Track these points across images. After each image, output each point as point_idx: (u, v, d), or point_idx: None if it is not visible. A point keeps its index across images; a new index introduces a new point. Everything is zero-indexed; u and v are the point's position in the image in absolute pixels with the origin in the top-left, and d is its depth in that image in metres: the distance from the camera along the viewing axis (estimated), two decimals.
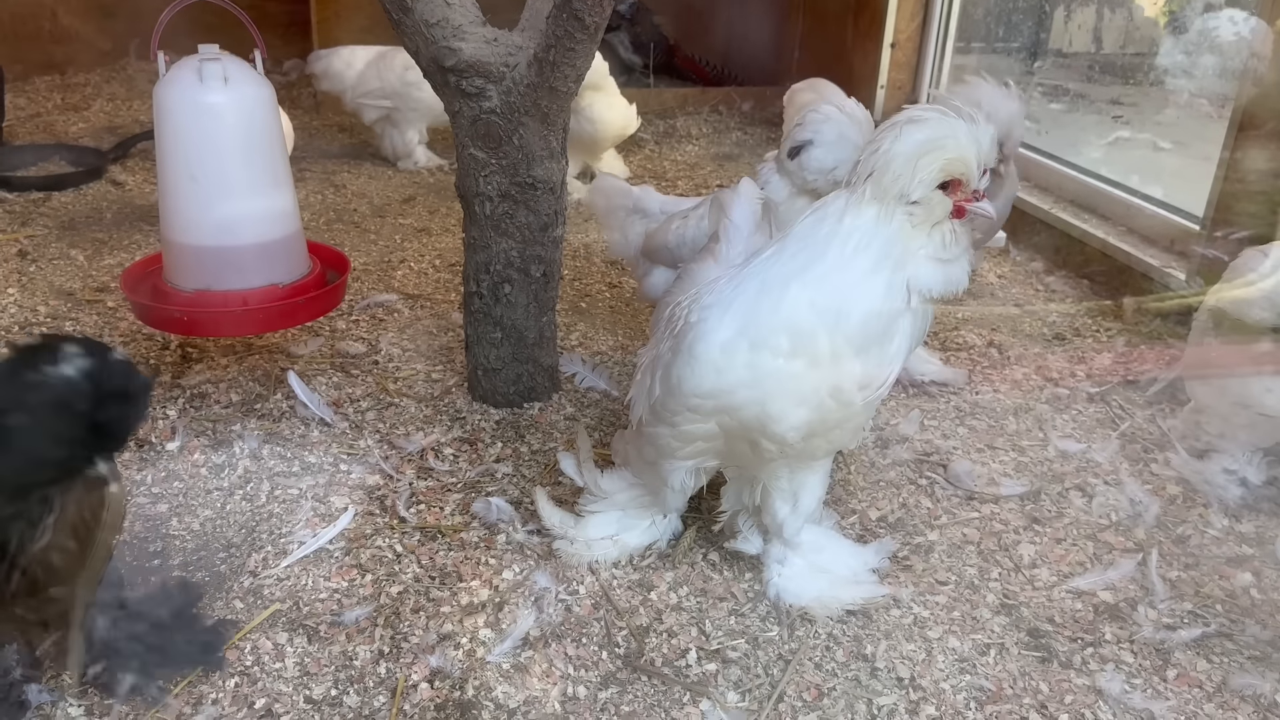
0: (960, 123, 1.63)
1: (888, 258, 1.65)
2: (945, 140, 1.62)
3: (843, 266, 1.66)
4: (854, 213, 1.67)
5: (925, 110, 1.66)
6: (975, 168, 1.64)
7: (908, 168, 1.62)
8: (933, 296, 1.68)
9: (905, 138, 1.64)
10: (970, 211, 1.66)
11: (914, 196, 1.63)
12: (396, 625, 1.90)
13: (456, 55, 2.22)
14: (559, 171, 2.38)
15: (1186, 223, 3.43)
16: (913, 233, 1.65)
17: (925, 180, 1.62)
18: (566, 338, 3.09)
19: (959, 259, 1.68)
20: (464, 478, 2.34)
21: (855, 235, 1.66)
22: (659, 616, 1.96)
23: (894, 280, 1.66)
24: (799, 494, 1.97)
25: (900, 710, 1.76)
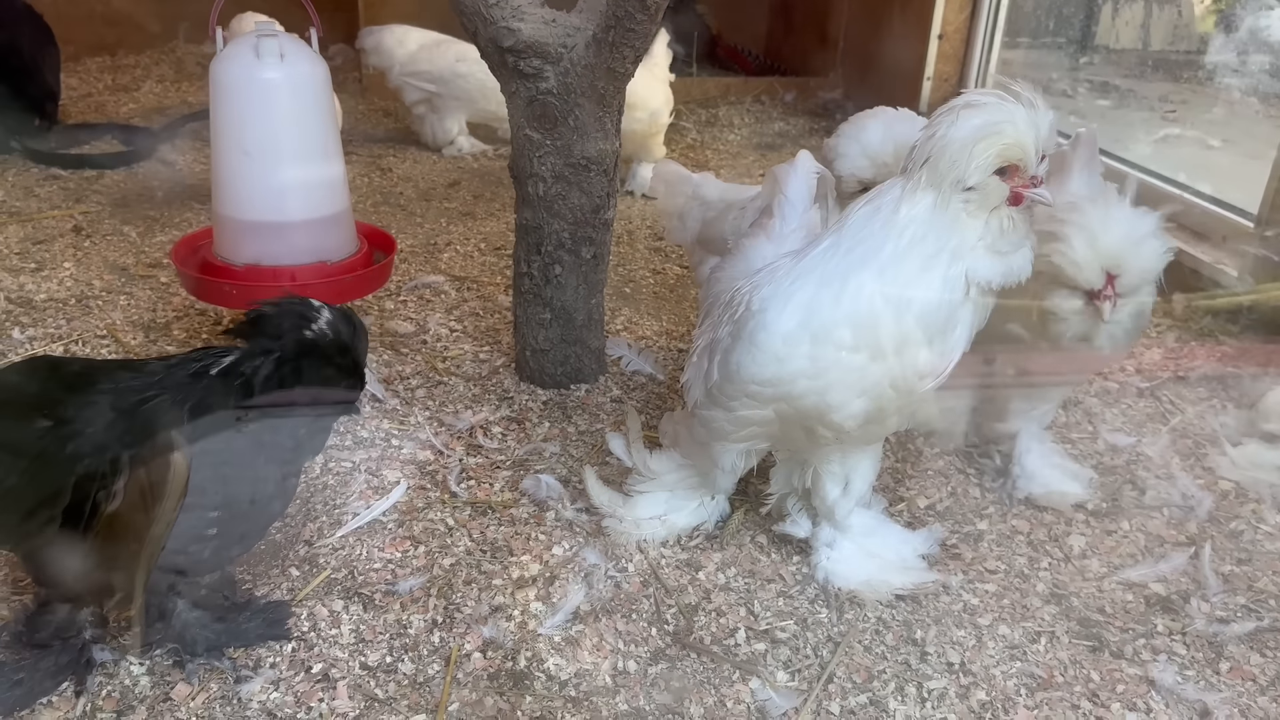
0: (1019, 107, 1.60)
1: (944, 248, 1.64)
2: (1003, 125, 1.59)
3: (900, 258, 1.65)
4: (909, 201, 1.65)
5: (982, 94, 1.63)
6: (1033, 153, 1.61)
7: (964, 153, 1.59)
8: (993, 287, 1.66)
9: (962, 123, 1.61)
10: (1028, 198, 1.63)
11: (970, 182, 1.60)
12: (449, 596, 1.92)
13: (515, 35, 2.23)
14: (612, 154, 2.39)
15: (1239, 219, 3.39)
16: (969, 221, 1.63)
17: (982, 166, 1.59)
18: (611, 321, 3.10)
19: (1020, 248, 1.66)
20: (512, 456, 2.36)
21: (911, 226, 1.65)
22: (707, 596, 1.97)
23: (951, 271, 1.64)
24: (850, 477, 1.97)
25: (950, 694, 1.76)
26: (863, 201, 1.73)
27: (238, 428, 1.61)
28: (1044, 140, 1.61)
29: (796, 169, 2.12)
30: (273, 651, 1.77)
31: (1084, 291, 1.93)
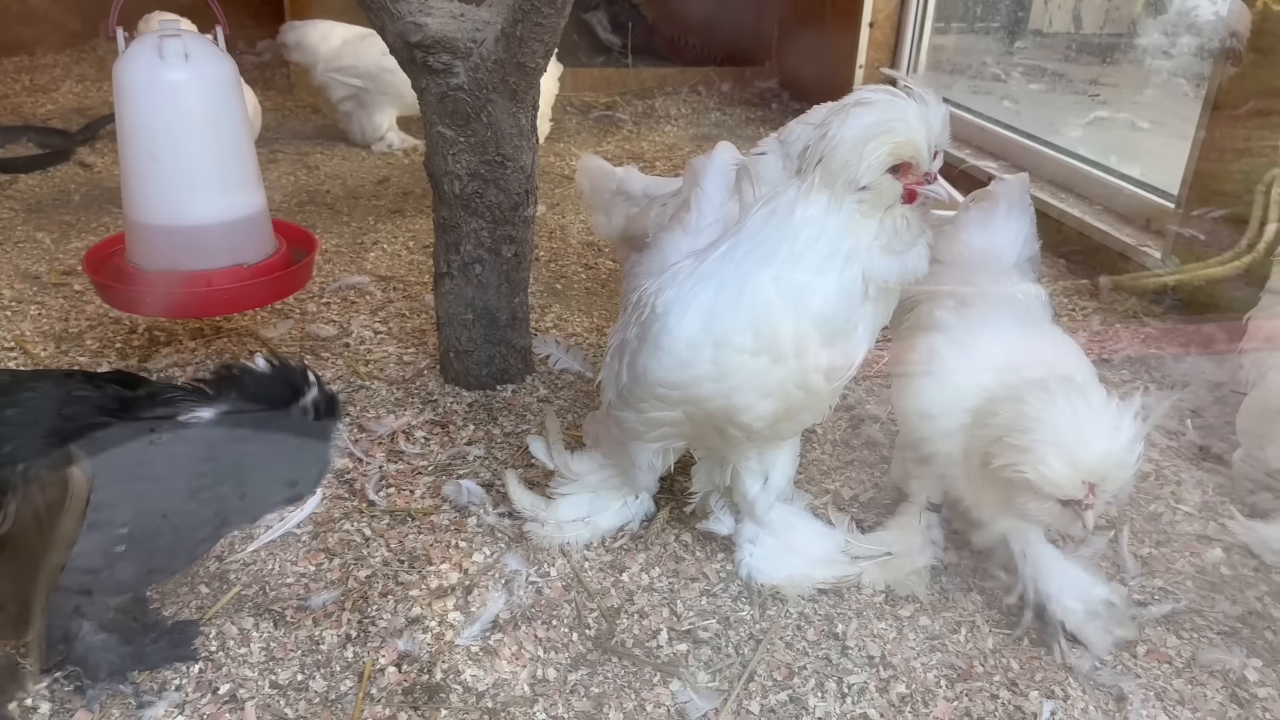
0: (910, 104, 1.58)
1: (840, 249, 1.62)
2: (894, 123, 1.57)
3: (796, 261, 1.63)
4: (804, 202, 1.63)
5: (873, 92, 1.61)
6: (926, 150, 1.59)
7: (855, 152, 1.57)
8: (890, 285, 1.65)
9: (852, 121, 1.58)
10: (922, 195, 1.61)
11: (863, 182, 1.58)
12: (364, 609, 1.88)
13: (422, 30, 2.18)
14: (529, 149, 2.35)
15: (1162, 201, 3.43)
16: (863, 221, 1.61)
17: (874, 165, 1.57)
18: (541, 319, 3.06)
19: (914, 245, 1.65)
20: (435, 461, 2.32)
21: (807, 228, 1.62)
22: (630, 598, 1.94)
23: (848, 272, 1.62)
24: (769, 472, 1.96)
25: (870, 688, 1.75)
26: (760, 203, 1.70)
27: (152, 441, 1.54)
28: (937, 136, 1.59)
29: (713, 161, 2.10)
30: (179, 673, 1.72)
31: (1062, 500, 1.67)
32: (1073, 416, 1.61)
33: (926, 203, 1.64)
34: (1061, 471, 1.60)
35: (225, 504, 1.60)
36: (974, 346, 1.88)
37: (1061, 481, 1.61)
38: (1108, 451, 1.60)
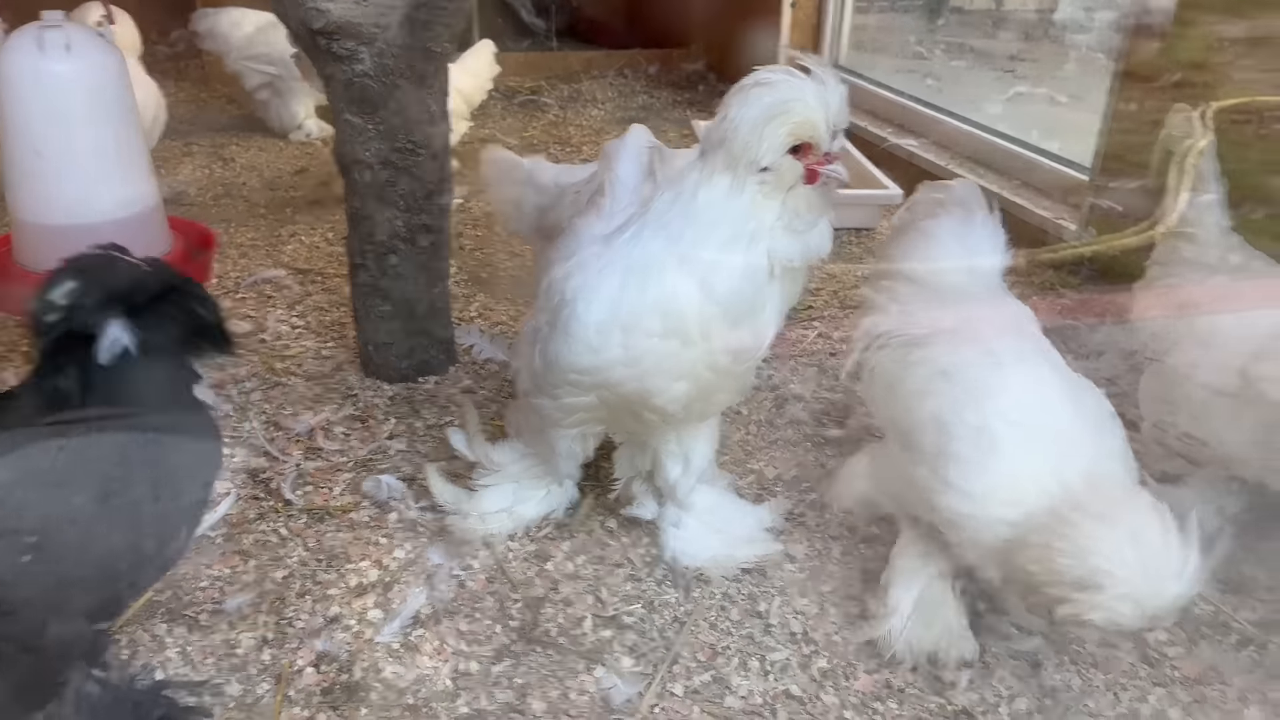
0: (807, 84, 1.57)
1: (743, 231, 1.61)
2: (792, 103, 1.56)
3: (700, 244, 1.62)
4: (707, 186, 1.62)
5: (772, 72, 1.60)
6: (825, 130, 1.58)
7: (755, 134, 1.56)
8: (794, 265, 1.65)
9: (751, 103, 1.57)
10: (823, 175, 1.61)
11: (764, 164, 1.58)
12: (281, 611, 1.84)
13: (325, 17, 2.13)
14: (441, 136, 2.31)
15: (1076, 174, 3.50)
16: (766, 203, 1.61)
17: (774, 146, 1.57)
18: (466, 309, 3.03)
19: (817, 225, 1.65)
20: (355, 457, 2.28)
21: (710, 211, 1.62)
22: (555, 587, 1.93)
23: (753, 254, 1.62)
24: (689, 455, 1.96)
25: (793, 664, 1.77)
26: (665, 187, 1.69)
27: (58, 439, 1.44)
28: (836, 117, 1.59)
29: (627, 145, 2.08)
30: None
31: None
32: (1138, 559, 1.44)
33: (828, 183, 1.64)
34: (1130, 617, 1.45)
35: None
36: (1028, 418, 1.66)
37: (1126, 625, 1.47)
38: (1178, 596, 1.44)
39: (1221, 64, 3.29)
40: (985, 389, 1.70)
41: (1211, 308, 2.33)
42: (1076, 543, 1.47)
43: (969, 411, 1.66)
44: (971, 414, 1.66)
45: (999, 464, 1.60)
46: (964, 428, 1.65)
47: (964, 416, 1.66)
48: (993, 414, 1.64)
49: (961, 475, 1.62)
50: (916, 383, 1.79)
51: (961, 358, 1.78)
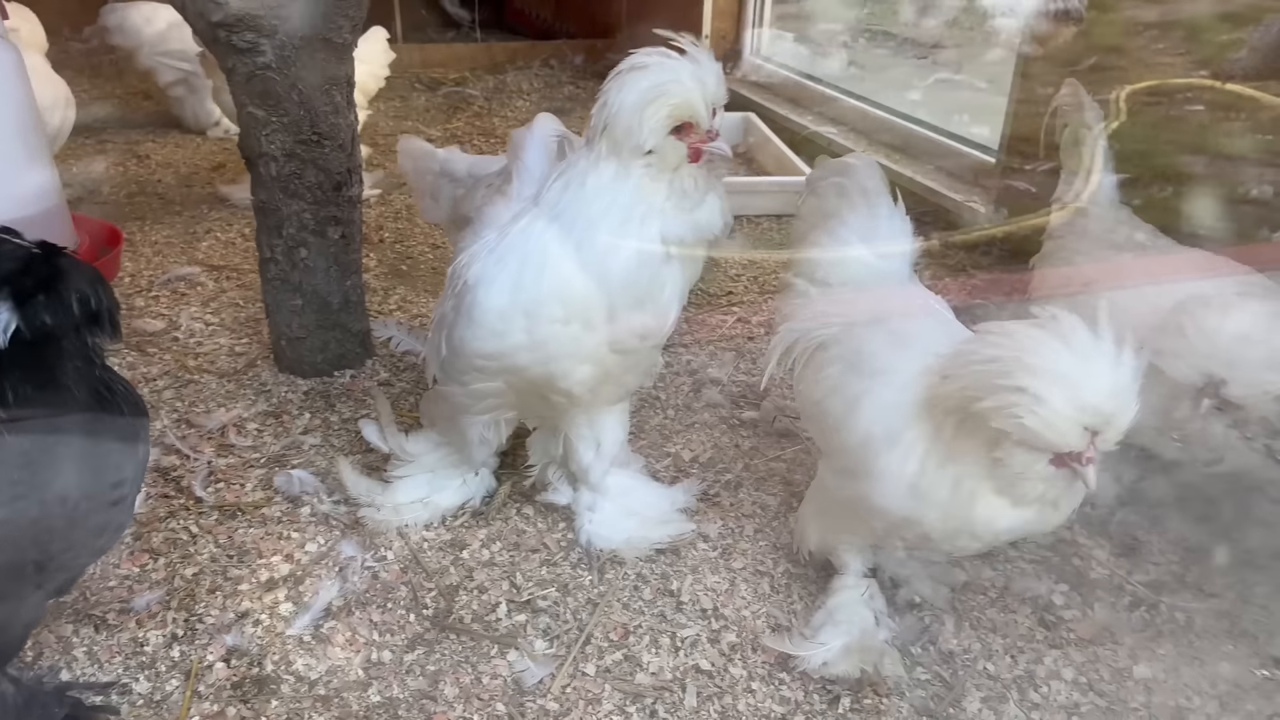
0: (683, 64, 1.60)
1: (633, 215, 1.64)
2: (668, 85, 1.59)
3: (593, 230, 1.64)
4: (595, 172, 1.65)
5: (647, 55, 1.62)
6: (703, 109, 1.61)
7: (635, 118, 1.59)
8: (687, 243, 1.68)
9: (629, 87, 1.60)
10: (706, 153, 1.65)
11: (647, 146, 1.60)
12: (191, 607, 1.83)
13: (223, 9, 2.10)
14: (347, 127, 2.30)
15: (985, 156, 3.58)
16: (652, 185, 1.64)
17: (655, 129, 1.59)
18: (385, 302, 3.02)
19: (704, 202, 1.68)
20: (268, 452, 2.26)
21: (599, 196, 1.64)
22: (470, 574, 1.94)
23: (644, 235, 1.64)
24: (600, 438, 1.98)
25: (702, 640, 1.80)
26: (555, 175, 1.71)
27: None
28: (713, 94, 1.62)
29: (534, 133, 2.09)
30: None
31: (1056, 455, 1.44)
32: (1070, 350, 1.38)
33: (712, 160, 1.67)
34: (1063, 412, 1.36)
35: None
36: (910, 341, 1.69)
37: (1063, 426, 1.37)
38: (1114, 387, 1.36)
39: (1136, 48, 3.40)
40: (893, 371, 1.67)
41: (1109, 284, 2.41)
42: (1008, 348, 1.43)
43: (886, 393, 1.63)
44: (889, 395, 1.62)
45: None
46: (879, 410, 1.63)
47: (880, 401, 1.63)
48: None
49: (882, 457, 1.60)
50: (830, 383, 1.76)
51: (869, 347, 1.75)
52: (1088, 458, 1.40)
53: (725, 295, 3.23)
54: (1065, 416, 1.37)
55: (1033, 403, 1.37)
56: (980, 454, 1.50)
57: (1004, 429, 1.42)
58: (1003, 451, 1.45)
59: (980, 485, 1.51)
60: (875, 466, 1.59)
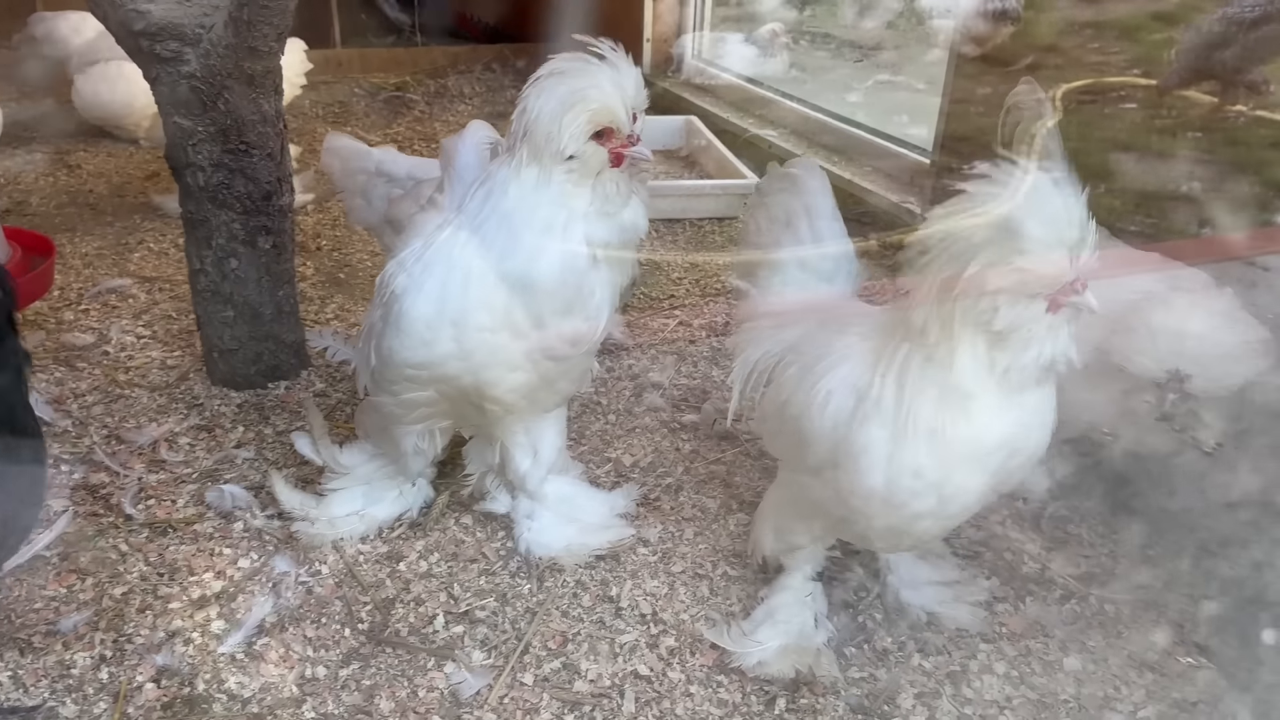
0: (602, 70, 1.60)
1: (557, 222, 1.64)
2: (587, 91, 1.59)
3: (517, 239, 1.64)
4: (516, 180, 1.64)
5: (565, 61, 1.62)
6: (623, 114, 1.62)
7: (555, 125, 1.58)
8: (612, 247, 1.69)
9: (548, 94, 1.60)
10: (628, 157, 1.65)
11: (568, 152, 1.60)
12: (120, 628, 1.79)
13: (145, 18, 2.07)
14: (275, 136, 2.27)
15: (921, 158, 3.63)
16: (575, 190, 1.64)
17: (575, 135, 1.59)
18: (322, 311, 2.98)
19: (629, 206, 1.69)
20: (200, 467, 2.22)
21: (522, 204, 1.64)
22: (407, 586, 1.93)
23: (570, 242, 1.64)
24: (538, 445, 1.98)
25: (641, 645, 1.81)
26: (477, 183, 1.71)
27: None
28: (632, 99, 1.63)
29: (465, 140, 2.08)
30: None
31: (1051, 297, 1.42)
32: (1021, 190, 1.38)
33: (634, 164, 1.67)
34: (1046, 239, 1.37)
35: None
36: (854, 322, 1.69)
37: (1053, 254, 1.36)
38: (1070, 203, 1.39)
39: (1072, 48, 3.47)
40: (845, 350, 1.64)
41: None
42: (966, 221, 1.40)
43: (843, 368, 1.60)
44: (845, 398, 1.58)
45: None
46: (840, 384, 1.59)
47: (838, 376, 1.60)
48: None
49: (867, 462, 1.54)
50: (790, 385, 1.72)
51: (819, 341, 1.72)
52: (1081, 283, 1.39)
53: (667, 298, 3.24)
54: (1049, 240, 1.37)
55: (1017, 244, 1.37)
56: (969, 356, 1.46)
57: (998, 290, 1.39)
58: (1001, 320, 1.41)
59: (971, 386, 1.46)
60: (856, 440, 1.54)
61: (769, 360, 1.84)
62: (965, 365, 1.46)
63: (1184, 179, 3.15)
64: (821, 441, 1.59)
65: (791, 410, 1.68)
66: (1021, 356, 1.44)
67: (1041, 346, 1.43)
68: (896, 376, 1.51)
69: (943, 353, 1.47)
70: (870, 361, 1.56)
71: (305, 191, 3.71)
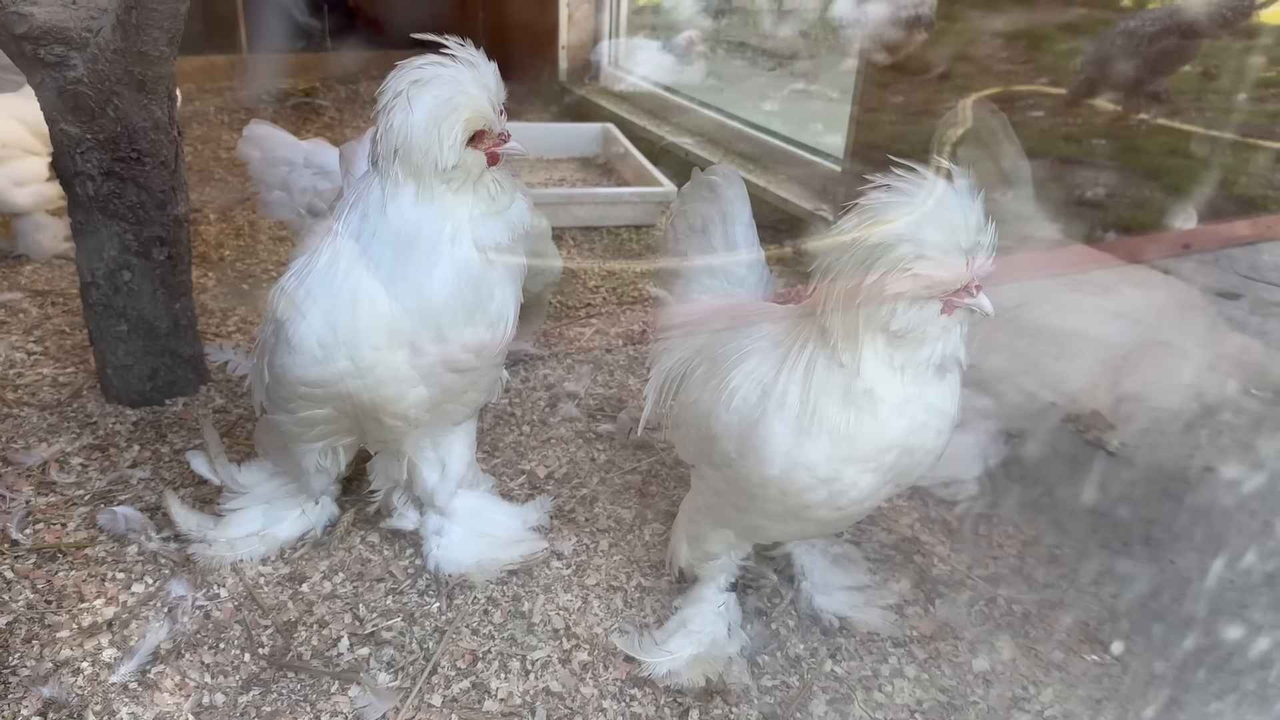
0: (463, 72, 1.57)
1: (443, 234, 1.60)
2: (457, 98, 1.56)
3: (405, 260, 1.59)
4: (394, 199, 1.60)
5: (421, 69, 1.57)
6: (493, 114, 1.60)
7: (430, 138, 1.55)
8: (504, 247, 1.66)
9: (416, 107, 1.55)
10: (503, 154, 1.64)
11: (449, 164, 1.57)
12: (4, 659, 1.70)
13: (28, 21, 1.98)
14: (169, 143, 2.18)
15: (833, 166, 3.68)
16: (457, 199, 1.61)
17: (453, 145, 1.56)
18: (224, 324, 2.89)
19: (514, 202, 1.67)
20: (93, 489, 2.13)
21: (403, 224, 1.59)
22: (310, 608, 1.87)
23: (459, 252, 1.61)
24: (445, 460, 1.94)
25: (554, 661, 1.78)
26: (348, 206, 1.65)
27: None
28: (496, 95, 1.61)
29: (364, 145, 2.03)
30: None
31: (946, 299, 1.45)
32: (918, 196, 1.39)
33: (510, 160, 1.66)
34: (943, 243, 1.38)
35: None
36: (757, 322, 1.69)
37: (947, 257, 1.38)
38: (967, 205, 1.40)
39: (982, 56, 3.55)
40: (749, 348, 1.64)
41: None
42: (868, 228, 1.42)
43: (748, 363, 1.61)
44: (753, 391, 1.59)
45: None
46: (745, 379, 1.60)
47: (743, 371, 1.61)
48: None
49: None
50: (698, 386, 1.74)
51: (725, 342, 1.73)
52: (975, 285, 1.42)
53: (584, 307, 3.22)
54: (946, 246, 1.39)
55: (915, 249, 1.38)
56: (870, 354, 1.47)
57: (896, 293, 1.40)
58: (898, 321, 1.43)
59: (871, 386, 1.48)
60: (757, 432, 1.54)
61: (681, 366, 1.83)
62: (866, 365, 1.48)
63: (1089, 184, 3.25)
64: (728, 434, 1.60)
65: (701, 408, 1.69)
66: (915, 355, 1.47)
67: (934, 345, 1.47)
68: (801, 374, 1.53)
69: (845, 353, 1.49)
70: (776, 359, 1.58)
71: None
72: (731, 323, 1.82)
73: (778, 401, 1.54)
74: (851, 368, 1.49)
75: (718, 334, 1.80)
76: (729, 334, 1.75)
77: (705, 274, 2.02)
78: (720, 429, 1.62)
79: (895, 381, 1.49)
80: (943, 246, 1.40)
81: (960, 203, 1.42)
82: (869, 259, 1.43)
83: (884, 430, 1.50)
